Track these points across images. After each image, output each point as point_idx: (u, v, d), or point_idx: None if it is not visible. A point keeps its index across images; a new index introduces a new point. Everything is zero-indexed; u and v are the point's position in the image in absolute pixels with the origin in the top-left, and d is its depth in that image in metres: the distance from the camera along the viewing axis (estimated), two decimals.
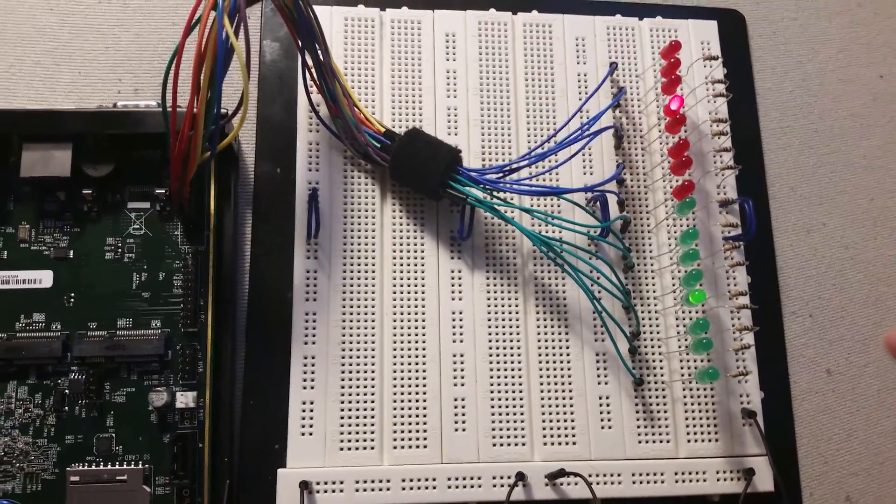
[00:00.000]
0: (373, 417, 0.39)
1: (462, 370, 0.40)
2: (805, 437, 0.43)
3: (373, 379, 0.39)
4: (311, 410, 0.38)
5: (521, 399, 0.40)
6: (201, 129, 0.34)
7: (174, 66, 0.33)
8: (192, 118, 0.33)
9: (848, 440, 0.43)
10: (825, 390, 0.44)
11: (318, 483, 0.37)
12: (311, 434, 0.38)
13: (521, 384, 0.40)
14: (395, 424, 0.39)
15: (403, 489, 0.38)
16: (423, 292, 0.41)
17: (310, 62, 0.39)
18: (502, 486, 0.38)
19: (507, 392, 0.40)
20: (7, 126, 0.39)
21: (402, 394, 0.39)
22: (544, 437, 0.39)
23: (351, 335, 0.40)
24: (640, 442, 0.40)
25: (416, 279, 0.41)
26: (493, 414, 0.39)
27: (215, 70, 0.33)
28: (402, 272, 0.41)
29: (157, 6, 0.45)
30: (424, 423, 0.39)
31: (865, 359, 0.45)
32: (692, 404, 0.41)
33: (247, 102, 0.33)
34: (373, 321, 0.40)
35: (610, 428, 0.40)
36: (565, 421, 0.40)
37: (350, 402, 0.39)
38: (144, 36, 0.45)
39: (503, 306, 0.41)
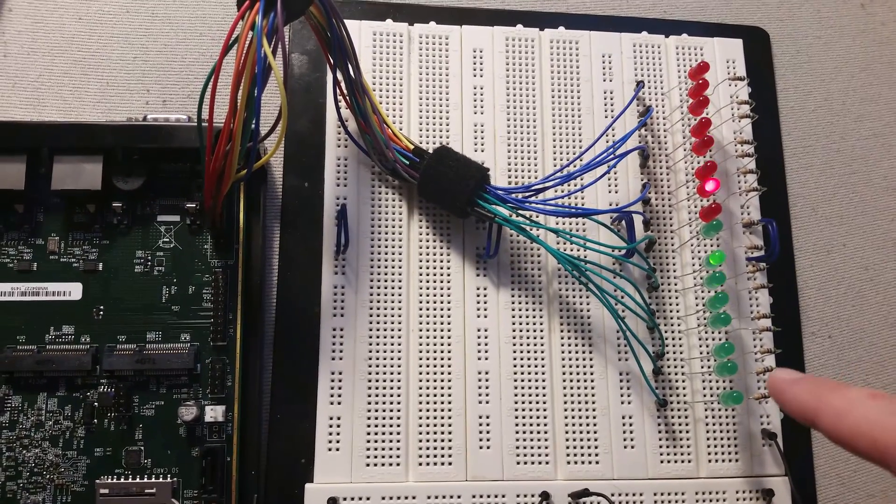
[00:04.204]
0: (399, 433, 0.39)
1: (487, 387, 0.40)
2: (822, 457, 0.43)
3: (399, 395, 0.39)
4: (339, 426, 0.39)
5: (545, 417, 0.40)
6: (238, 148, 0.34)
7: (211, 84, 0.33)
8: (229, 136, 0.34)
9: (865, 462, 0.44)
10: None
11: (344, 499, 0.38)
12: (337, 449, 0.38)
13: (545, 402, 0.40)
14: (420, 441, 0.39)
15: None
16: (448, 309, 0.41)
17: (340, 79, 0.39)
18: None
19: (531, 410, 0.40)
20: (38, 139, 0.39)
21: (428, 410, 0.40)
22: (568, 455, 0.40)
23: (378, 351, 0.40)
24: (662, 462, 0.40)
25: (442, 296, 0.41)
26: (517, 432, 0.40)
27: (253, 90, 0.33)
28: (428, 289, 0.41)
29: (185, 17, 0.45)
30: (450, 440, 0.39)
31: (884, 380, 0.45)
32: (714, 425, 0.41)
33: (285, 123, 0.34)
34: (399, 337, 0.40)
35: (633, 447, 0.40)
36: (589, 440, 0.40)
37: (376, 418, 0.39)
38: (172, 46, 0.45)
39: (528, 324, 0.41)
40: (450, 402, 0.40)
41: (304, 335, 0.40)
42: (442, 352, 0.40)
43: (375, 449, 0.39)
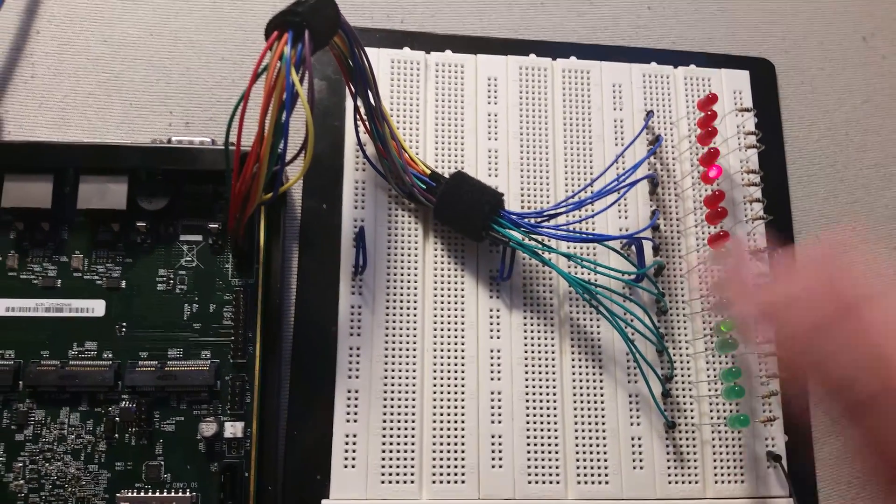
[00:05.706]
0: (413, 451, 0.40)
1: (499, 407, 0.41)
2: (826, 479, 0.44)
3: (413, 414, 0.40)
4: (354, 443, 0.40)
5: (556, 438, 0.41)
6: (264, 172, 0.35)
7: (240, 110, 0.34)
8: (257, 159, 0.35)
9: (867, 483, 0.45)
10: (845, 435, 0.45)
11: None
12: (353, 467, 0.39)
13: (556, 423, 0.41)
14: (434, 459, 0.40)
15: None
16: (462, 330, 0.42)
17: (360, 105, 0.40)
18: None
19: (542, 430, 0.41)
20: (66, 159, 0.40)
21: (442, 429, 0.40)
22: (578, 475, 0.41)
23: (393, 370, 0.41)
24: (670, 482, 0.41)
25: (456, 317, 0.42)
26: (528, 451, 0.41)
27: (280, 115, 0.34)
28: (443, 310, 0.42)
29: (208, 41, 0.46)
30: (463, 459, 0.40)
31: None
32: (720, 447, 0.42)
33: (311, 148, 0.35)
34: (414, 357, 0.41)
35: (641, 468, 0.41)
36: (599, 460, 0.41)
37: (391, 436, 0.40)
38: (195, 70, 0.46)
39: (540, 346, 0.42)
40: (463, 422, 0.41)
41: (321, 354, 0.41)
42: (456, 372, 0.41)
43: (390, 466, 0.40)
